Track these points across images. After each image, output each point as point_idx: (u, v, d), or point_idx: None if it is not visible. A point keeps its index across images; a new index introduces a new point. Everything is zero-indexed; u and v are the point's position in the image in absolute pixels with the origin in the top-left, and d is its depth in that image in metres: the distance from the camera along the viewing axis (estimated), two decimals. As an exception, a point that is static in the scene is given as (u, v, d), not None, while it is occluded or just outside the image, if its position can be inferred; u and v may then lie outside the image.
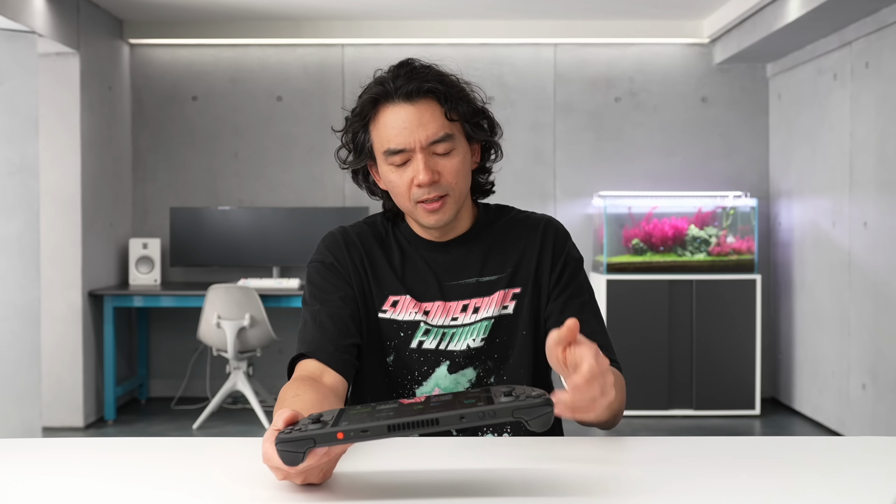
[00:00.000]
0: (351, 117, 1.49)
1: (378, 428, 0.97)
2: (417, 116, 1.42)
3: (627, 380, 1.51)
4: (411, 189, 1.44)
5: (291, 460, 0.98)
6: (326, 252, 1.53)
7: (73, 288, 4.93)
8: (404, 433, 0.97)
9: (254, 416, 5.15)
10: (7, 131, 4.13)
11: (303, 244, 5.45)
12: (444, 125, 1.43)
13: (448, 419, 0.97)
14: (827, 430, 4.90)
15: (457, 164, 1.45)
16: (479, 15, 5.42)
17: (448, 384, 1.48)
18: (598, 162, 5.71)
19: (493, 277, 1.50)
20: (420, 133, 1.41)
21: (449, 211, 1.46)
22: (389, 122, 1.43)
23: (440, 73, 1.46)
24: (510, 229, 1.54)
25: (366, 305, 1.50)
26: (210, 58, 5.73)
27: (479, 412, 0.96)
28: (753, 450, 1.27)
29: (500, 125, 1.55)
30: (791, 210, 5.39)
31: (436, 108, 1.43)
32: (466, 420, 0.96)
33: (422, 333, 1.48)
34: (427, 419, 0.96)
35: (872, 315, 4.41)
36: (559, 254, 1.52)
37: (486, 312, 1.48)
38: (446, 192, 1.44)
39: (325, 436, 0.97)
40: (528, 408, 0.97)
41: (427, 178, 1.41)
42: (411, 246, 1.53)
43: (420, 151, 1.42)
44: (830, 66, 4.85)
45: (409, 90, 1.42)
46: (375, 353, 1.50)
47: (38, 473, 1.14)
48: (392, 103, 1.43)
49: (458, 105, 1.44)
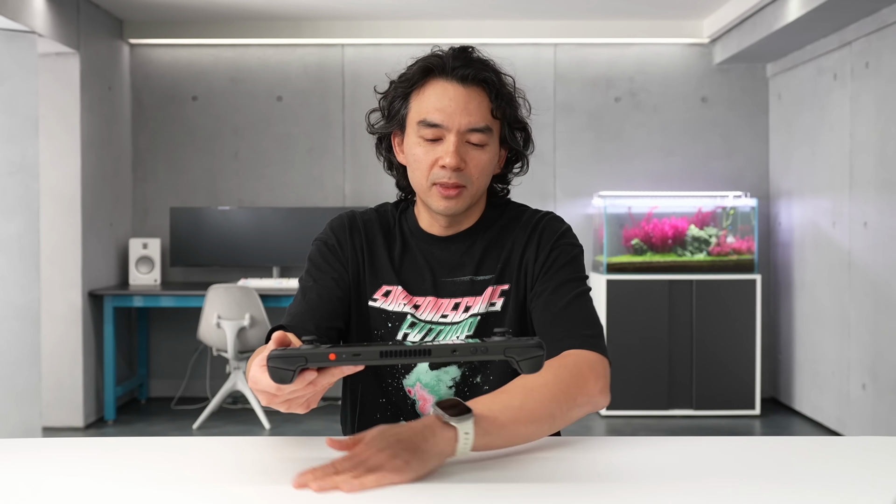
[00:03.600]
0: (397, 81, 1.48)
1: (370, 353, 0.97)
2: (465, 100, 1.41)
3: (628, 380, 1.50)
4: (433, 168, 1.42)
5: (281, 377, 0.98)
6: (331, 233, 1.54)
7: (73, 288, 4.93)
8: (396, 360, 0.98)
9: (254, 416, 5.15)
10: (7, 131, 4.13)
11: (303, 244, 5.45)
12: (486, 117, 1.42)
13: (440, 350, 0.98)
14: (827, 430, 4.90)
15: (485, 160, 1.43)
16: (479, 15, 5.42)
17: (429, 380, 1.46)
18: (598, 162, 5.71)
19: (486, 277, 1.48)
20: (463, 117, 1.40)
21: (462, 202, 1.44)
22: (436, 95, 1.42)
23: (497, 70, 1.46)
24: (508, 227, 1.52)
25: (358, 292, 1.49)
26: (210, 58, 5.73)
27: (472, 347, 0.98)
28: (753, 450, 1.27)
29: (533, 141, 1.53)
30: (791, 210, 5.39)
31: (484, 99, 1.42)
32: (459, 353, 0.98)
33: (407, 326, 1.47)
34: (419, 349, 0.98)
35: (872, 315, 4.41)
36: (546, 243, 1.47)
37: (475, 310, 1.46)
38: (466, 183, 1.42)
39: (317, 355, 0.97)
40: (519, 347, 0.98)
41: (454, 162, 1.39)
42: (413, 238, 1.52)
43: (455, 134, 1.40)
44: (830, 66, 4.84)
45: (465, 73, 1.41)
46: (362, 342, 1.50)
47: (38, 473, 1.14)
48: (444, 78, 1.42)
49: (504, 105, 1.44)
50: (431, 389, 1.46)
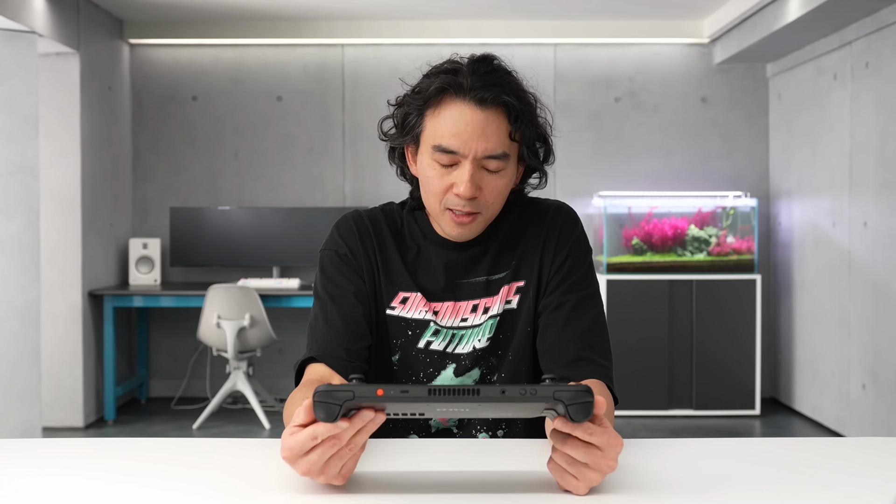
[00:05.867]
0: (411, 94, 1.39)
1: (418, 391, 0.95)
2: (483, 125, 1.33)
3: (627, 379, 1.51)
4: (447, 194, 1.36)
5: (328, 414, 0.96)
6: (340, 241, 1.46)
7: (73, 288, 4.93)
8: (444, 399, 0.95)
9: (254, 416, 5.15)
10: (7, 131, 4.13)
11: (303, 244, 5.45)
12: (504, 142, 1.34)
13: (489, 393, 0.95)
14: (827, 430, 4.90)
15: (501, 186, 1.37)
16: (479, 15, 5.42)
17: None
18: (598, 162, 5.71)
19: (501, 275, 1.44)
20: (479, 143, 1.33)
21: (477, 228, 1.40)
22: (452, 119, 1.34)
23: (519, 87, 1.37)
24: (520, 220, 1.47)
25: (374, 299, 1.44)
26: (210, 58, 5.73)
27: (521, 390, 0.95)
28: (753, 451, 1.27)
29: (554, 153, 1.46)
30: (791, 210, 5.39)
31: (502, 123, 1.34)
32: (507, 395, 0.95)
33: (431, 333, 1.43)
34: (468, 388, 0.95)
35: (872, 315, 4.41)
36: (564, 242, 1.43)
37: (493, 311, 1.43)
38: (480, 210, 1.37)
39: (364, 391, 0.95)
40: (570, 392, 0.96)
41: (470, 192, 1.33)
42: (426, 241, 1.46)
43: (471, 162, 1.33)
44: (830, 66, 4.84)
45: (484, 96, 1.32)
46: (381, 351, 1.45)
47: (38, 473, 1.14)
48: (461, 100, 1.34)
49: (524, 127, 1.36)
50: None
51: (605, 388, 1.36)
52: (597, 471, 1.01)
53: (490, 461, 1.19)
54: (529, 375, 1.44)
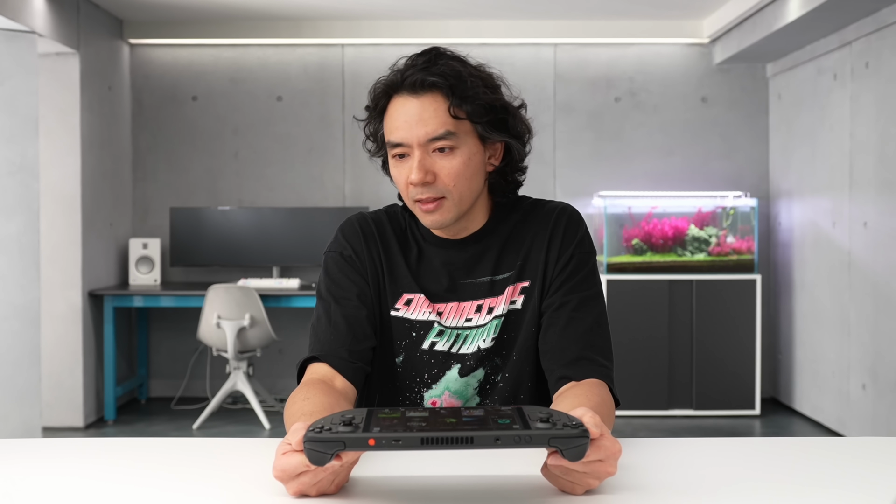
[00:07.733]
0: (369, 108, 1.46)
1: (411, 440, 0.94)
2: (419, 111, 1.35)
3: (628, 379, 1.51)
4: (409, 187, 1.38)
5: (318, 460, 0.96)
6: (345, 243, 1.47)
7: (73, 288, 4.93)
8: (437, 447, 0.94)
9: (254, 416, 5.15)
10: (7, 131, 4.13)
11: (303, 244, 5.45)
12: (445, 122, 1.34)
13: (483, 440, 0.94)
14: (827, 430, 4.90)
15: (457, 166, 1.36)
16: (479, 15, 5.42)
17: (458, 387, 1.43)
18: (598, 162, 5.71)
19: (505, 275, 1.44)
20: (419, 129, 1.35)
21: (447, 214, 1.38)
22: (394, 115, 1.38)
23: (456, 67, 1.37)
24: (524, 221, 1.47)
25: (378, 301, 1.45)
26: (210, 58, 5.73)
27: (516, 436, 0.94)
28: (753, 451, 1.27)
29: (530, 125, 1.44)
30: (791, 210, 5.39)
31: (440, 104, 1.35)
32: (501, 443, 0.94)
33: (435, 334, 1.43)
34: (462, 437, 0.94)
35: (872, 315, 4.41)
36: (568, 243, 1.44)
37: (498, 311, 1.43)
38: (443, 194, 1.36)
39: (356, 440, 0.94)
40: (565, 437, 0.96)
41: (418, 177, 1.35)
42: (427, 243, 1.47)
43: (417, 148, 1.35)
44: (830, 66, 4.84)
45: (413, 82, 1.35)
46: (385, 352, 1.45)
47: (38, 473, 1.14)
48: (399, 94, 1.38)
49: (465, 102, 1.35)
50: (460, 395, 1.44)
51: (606, 389, 1.36)
52: (596, 478, 1.02)
53: (487, 465, 1.19)
54: (533, 375, 1.45)
